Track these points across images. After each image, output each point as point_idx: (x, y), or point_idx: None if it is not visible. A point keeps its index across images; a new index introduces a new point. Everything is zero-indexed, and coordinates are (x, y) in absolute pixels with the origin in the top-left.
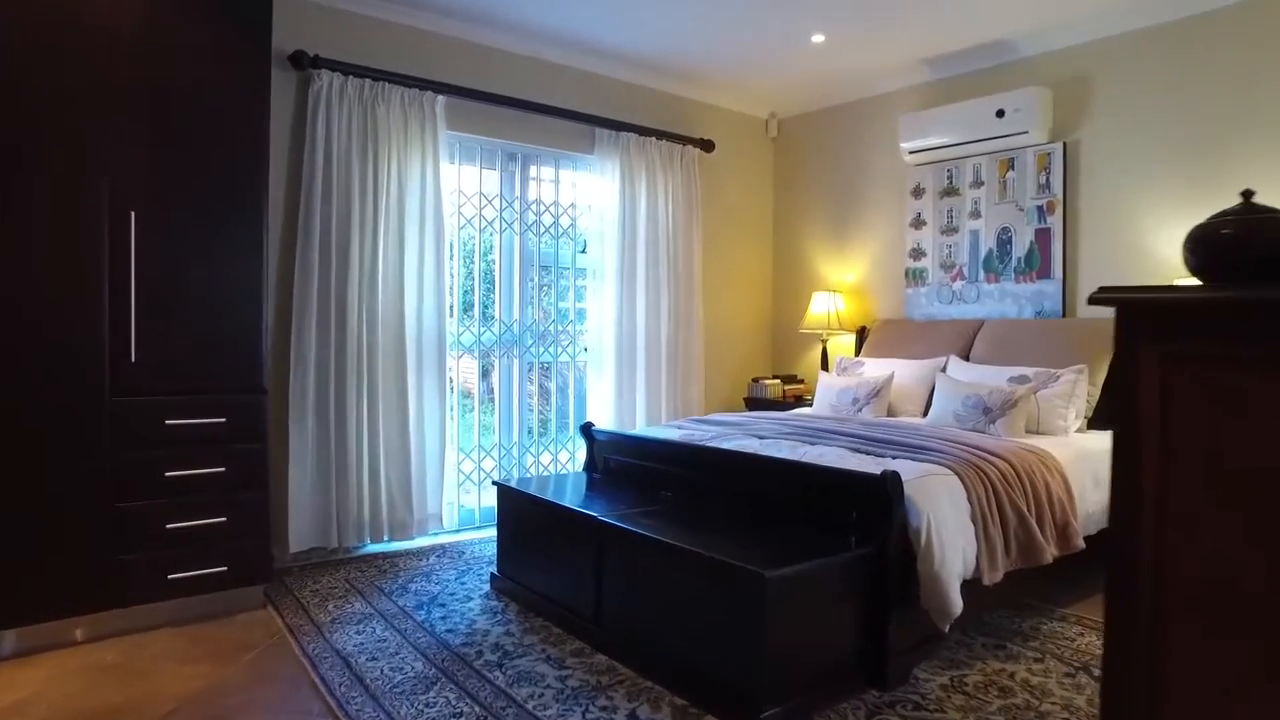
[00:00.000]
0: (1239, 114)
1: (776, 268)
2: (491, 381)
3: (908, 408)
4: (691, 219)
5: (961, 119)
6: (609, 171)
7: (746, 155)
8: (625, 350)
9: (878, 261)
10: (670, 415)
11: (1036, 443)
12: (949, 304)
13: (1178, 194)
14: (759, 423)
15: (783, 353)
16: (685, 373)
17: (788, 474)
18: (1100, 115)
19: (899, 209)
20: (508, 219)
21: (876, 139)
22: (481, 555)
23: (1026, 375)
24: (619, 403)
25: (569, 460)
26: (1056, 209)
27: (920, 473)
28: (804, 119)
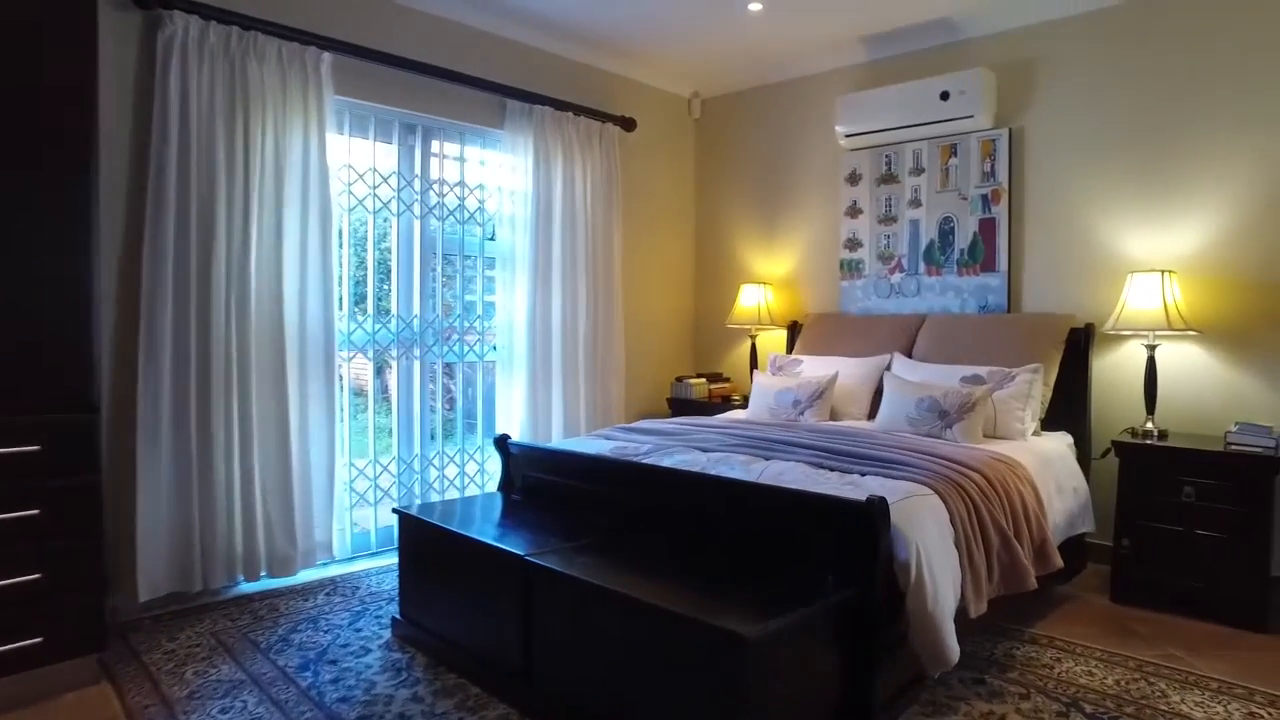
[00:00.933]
0: (1188, 102)
1: (699, 258)
2: (389, 385)
3: (852, 410)
4: (611, 203)
5: (903, 101)
6: (521, 149)
7: (668, 136)
8: (539, 349)
9: (810, 252)
10: (590, 421)
11: (997, 448)
12: (887, 298)
13: (1127, 184)
14: (700, 432)
15: (706, 349)
16: (605, 373)
17: (749, 498)
18: (1046, 101)
19: (833, 196)
20: (406, 200)
21: (808, 122)
22: (380, 590)
23: (980, 375)
24: (533, 407)
25: (478, 473)
26: (1002, 198)
27: (900, 493)
28: (729, 99)
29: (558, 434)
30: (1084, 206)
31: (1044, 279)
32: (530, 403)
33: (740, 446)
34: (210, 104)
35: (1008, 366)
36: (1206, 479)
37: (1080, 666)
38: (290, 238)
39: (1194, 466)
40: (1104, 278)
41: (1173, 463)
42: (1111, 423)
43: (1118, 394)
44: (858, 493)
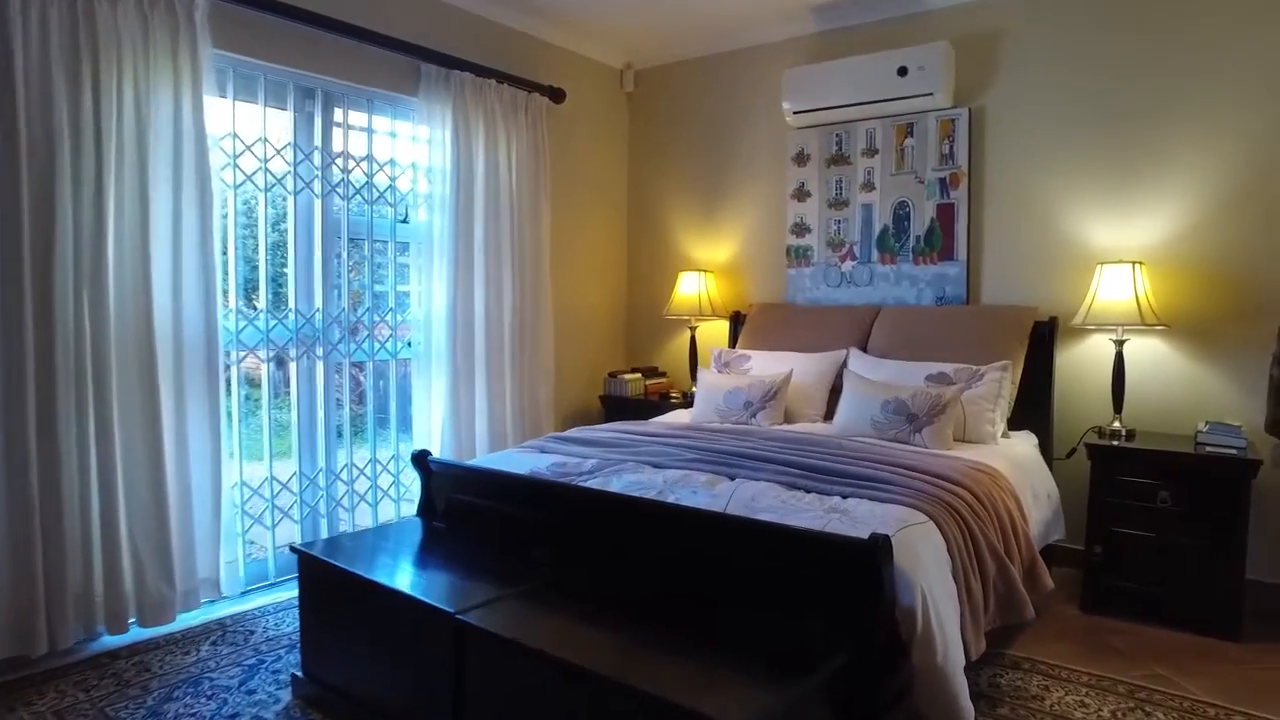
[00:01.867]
0: (1157, 86)
1: (632, 243)
2: (287, 389)
3: (807, 411)
4: (539, 182)
5: (857, 76)
6: (438, 120)
7: (599, 110)
8: (461, 344)
9: (754, 238)
10: (518, 424)
11: (971, 454)
12: (837, 287)
13: (1092, 170)
14: (648, 443)
15: (639, 342)
16: (533, 370)
17: (724, 532)
18: (1010, 79)
19: (778, 178)
20: (304, 176)
21: (752, 97)
22: (280, 634)
23: (946, 373)
24: (455, 410)
25: (393, 484)
26: (961, 182)
27: (894, 522)
28: (665, 71)
29: (483, 441)
30: (1047, 193)
31: (1005, 269)
32: (452, 405)
33: (699, 462)
34: (43, 55)
35: (974, 363)
36: (1181, 483)
37: (1072, 696)
38: (160, 219)
39: (1168, 470)
40: (1068, 268)
41: (1147, 466)
42: (1074, 421)
43: (1081, 390)
44: (848, 524)
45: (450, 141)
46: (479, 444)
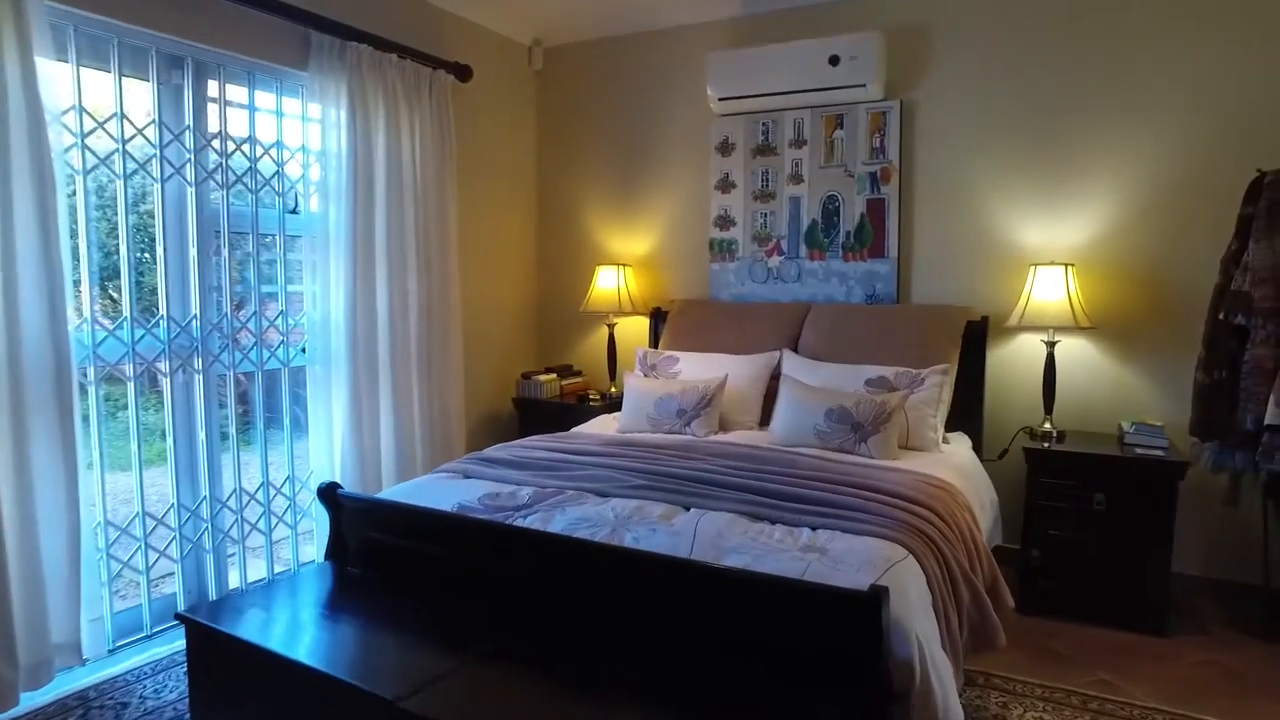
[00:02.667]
0: (1087, 85)
1: (542, 234)
2: (160, 409)
3: (743, 418)
4: (445, 169)
5: (788, 63)
6: (333, 97)
7: (506, 90)
8: (363, 349)
9: (675, 230)
10: (428, 436)
11: (920, 465)
12: (763, 283)
13: (1021, 169)
14: (584, 465)
15: (551, 339)
16: (443, 374)
17: (692, 580)
18: (941, 73)
19: (701, 167)
20: (174, 160)
21: (673, 81)
22: (161, 705)
23: (885, 377)
24: (357, 425)
25: (288, 509)
26: (892, 177)
27: (877, 560)
28: (577, 50)
29: (390, 458)
30: (977, 191)
31: (935, 267)
32: (353, 418)
33: (648, 490)
34: None
35: (912, 366)
36: (1115, 485)
37: (1031, 713)
38: None
39: (1103, 473)
40: (998, 267)
41: (1082, 470)
42: (1003, 421)
43: (1010, 390)
44: (829, 565)
45: (346, 122)
46: (386, 461)
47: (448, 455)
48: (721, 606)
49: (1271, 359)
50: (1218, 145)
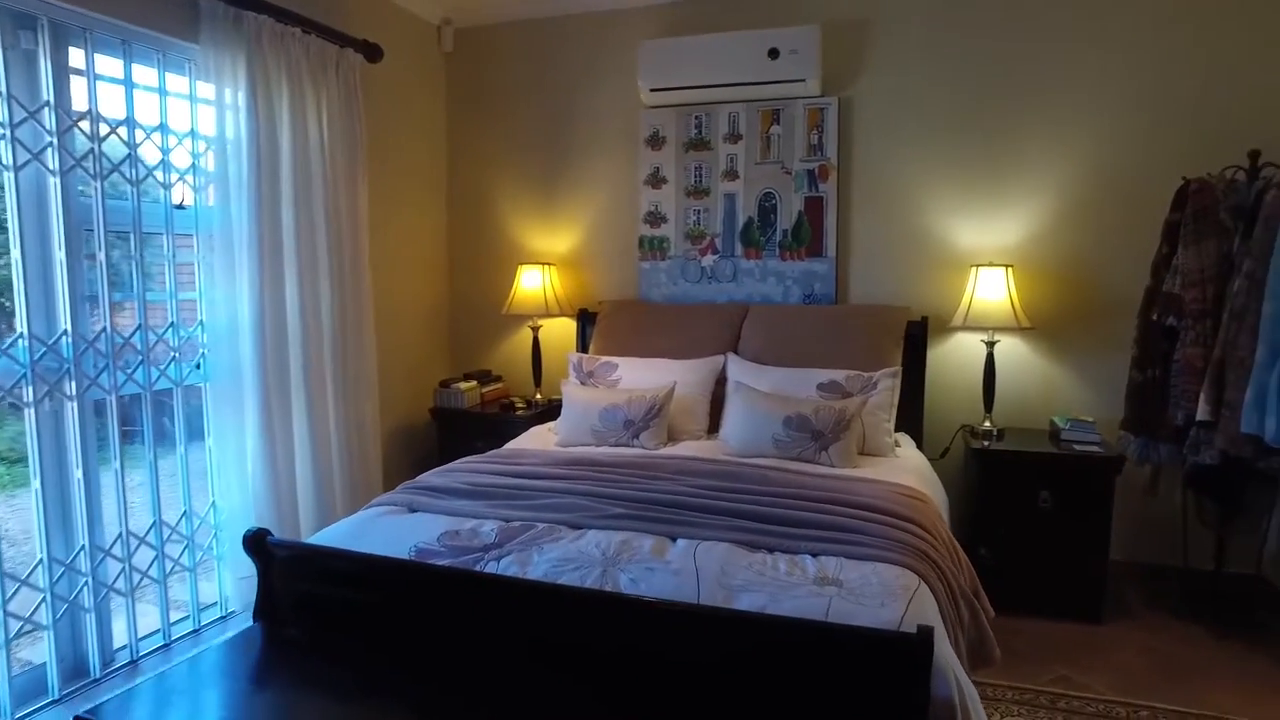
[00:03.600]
0: (1016, 90)
1: (454, 230)
2: (24, 445)
3: (690, 427)
4: (356, 158)
5: (724, 54)
6: (230, 74)
7: (414, 73)
8: (273, 360)
9: (601, 227)
10: (344, 454)
11: (882, 472)
12: (697, 283)
13: (957, 170)
14: (547, 491)
15: (464, 344)
16: (358, 386)
17: (711, 627)
18: (877, 72)
19: (630, 161)
20: (30, 143)
21: (599, 69)
22: None
23: (837, 381)
24: (270, 450)
25: (185, 550)
26: (830, 175)
27: (898, 590)
28: (492, 31)
29: (307, 485)
30: (915, 190)
31: (873, 266)
32: (265, 440)
33: (627, 519)
34: None
35: (860, 368)
36: (1058, 481)
37: (1009, 719)
38: None
39: (1047, 470)
40: (935, 267)
41: (1027, 468)
42: (942, 419)
43: (948, 389)
44: (851, 600)
45: (246, 104)
46: (302, 488)
47: (366, 477)
48: (746, 656)
49: (1201, 358)
50: (1144, 152)
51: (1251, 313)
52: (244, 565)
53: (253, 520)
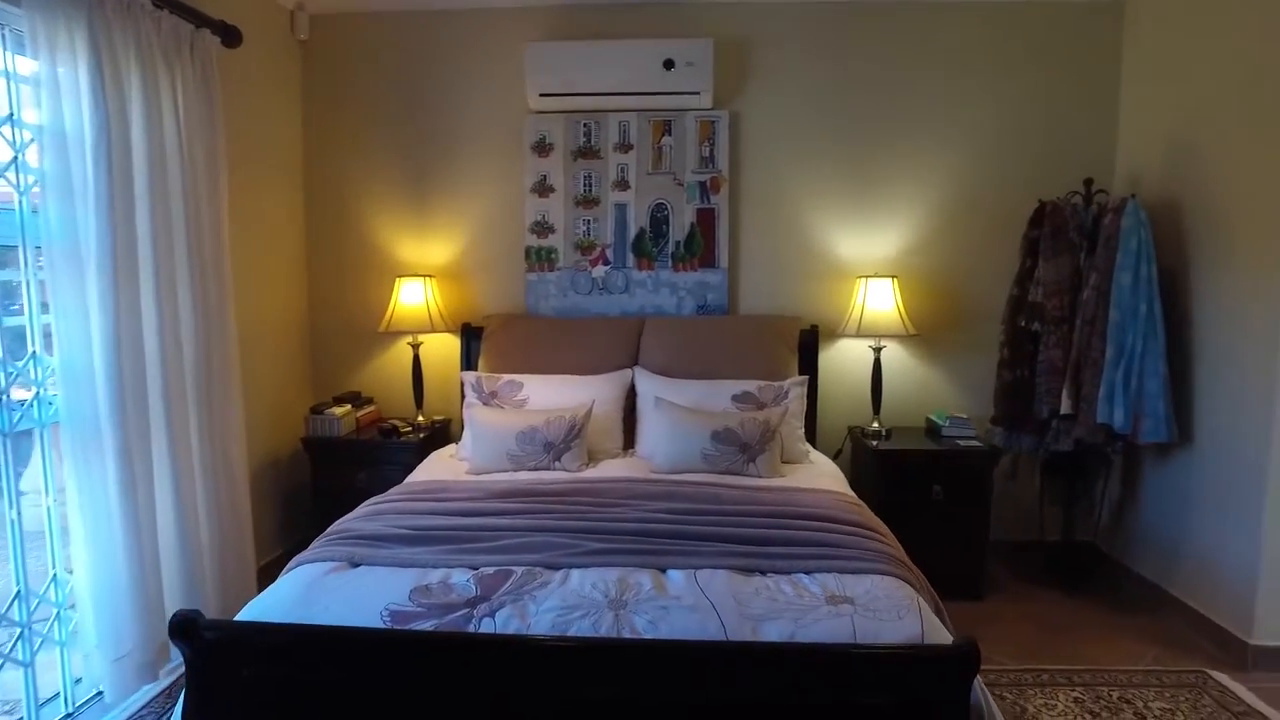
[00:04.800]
0: (887, 112)
1: (313, 241)
2: None
3: (607, 445)
4: (216, 156)
5: (619, 62)
6: (67, 48)
7: (267, 61)
8: (132, 396)
9: (483, 237)
10: (212, 500)
11: (815, 481)
12: (588, 294)
13: (841, 184)
14: (499, 530)
15: (326, 364)
16: (224, 419)
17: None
18: (764, 86)
19: (514, 168)
20: None
21: (479, 69)
22: None
23: (750, 392)
24: (130, 499)
25: (18, 640)
26: (722, 187)
27: (904, 601)
28: (355, 21)
29: (171, 540)
30: (801, 203)
31: (762, 277)
32: (127, 496)
33: (607, 554)
34: None
35: (766, 378)
36: (947, 475)
37: None
38: None
39: (938, 465)
40: (820, 277)
41: (923, 464)
42: (827, 423)
43: (835, 393)
44: (869, 617)
45: (90, 86)
46: (165, 543)
47: (236, 526)
48: (800, 687)
49: (1061, 359)
50: (1000, 175)
51: (1100, 319)
52: (120, 643)
53: (118, 588)
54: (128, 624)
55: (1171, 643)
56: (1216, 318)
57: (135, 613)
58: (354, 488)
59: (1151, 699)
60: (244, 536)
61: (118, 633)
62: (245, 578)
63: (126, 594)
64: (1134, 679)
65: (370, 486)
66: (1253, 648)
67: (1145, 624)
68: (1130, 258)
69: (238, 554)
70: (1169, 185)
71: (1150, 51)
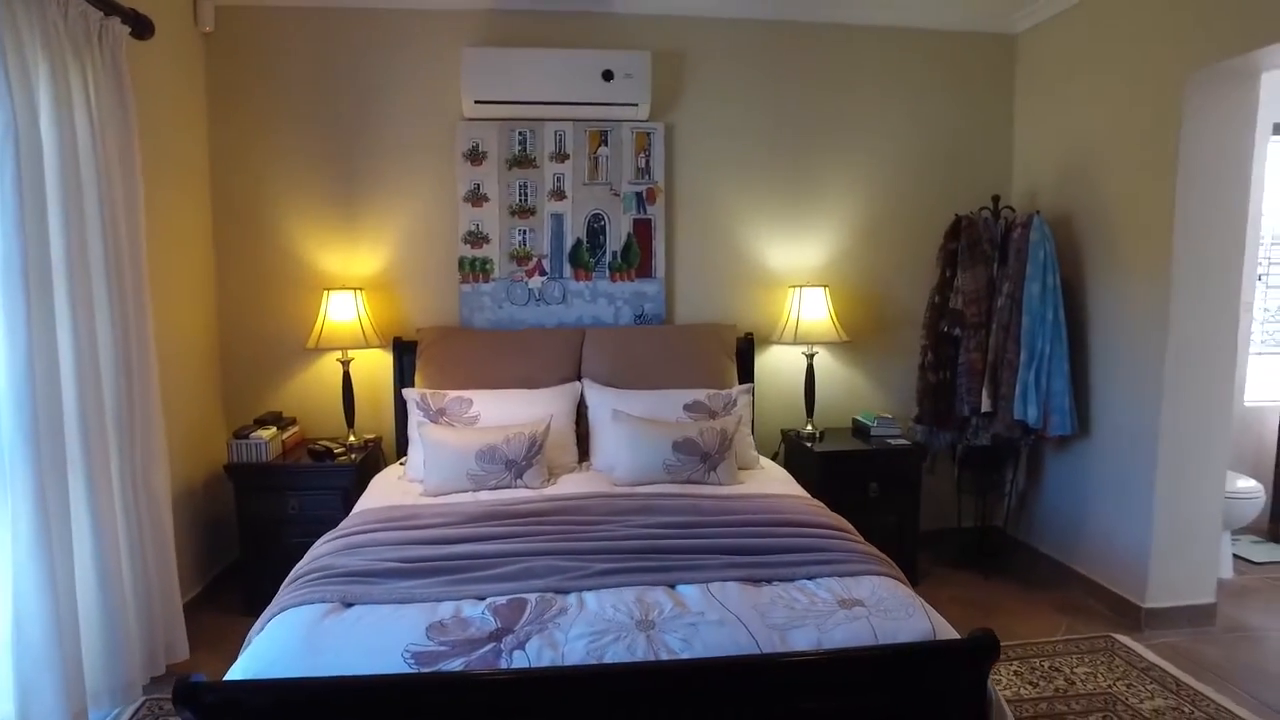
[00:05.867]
0: (812, 130)
1: (222, 251)
2: None
3: (563, 459)
4: (131, 158)
5: (557, 72)
6: None
7: (170, 55)
8: (45, 430)
9: (412, 248)
10: (135, 541)
11: (773, 487)
12: (524, 305)
13: (770, 196)
14: (494, 557)
15: (240, 383)
16: (146, 452)
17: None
18: (698, 100)
19: (446, 176)
20: None
21: (407, 72)
22: None
23: (700, 401)
24: (44, 552)
25: None
26: (658, 198)
27: (904, 599)
28: (268, 14)
29: (91, 594)
30: (733, 214)
31: (697, 286)
32: (39, 542)
33: (615, 574)
34: None
35: (710, 386)
36: (881, 472)
37: None
38: None
39: (874, 464)
40: (752, 286)
41: (859, 463)
42: (760, 427)
43: (765, 398)
44: (881, 616)
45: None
46: (85, 598)
47: (161, 561)
48: (840, 688)
49: (980, 362)
50: (916, 190)
51: (1014, 324)
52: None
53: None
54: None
55: (1078, 611)
56: (1109, 322)
57: (52, 679)
58: (285, 516)
59: (1075, 665)
60: (169, 576)
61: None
62: (172, 622)
63: (40, 653)
64: (1056, 649)
65: (304, 513)
66: (1145, 610)
67: (1055, 597)
68: (1038, 268)
69: (164, 595)
70: (1061, 202)
71: (1039, 82)
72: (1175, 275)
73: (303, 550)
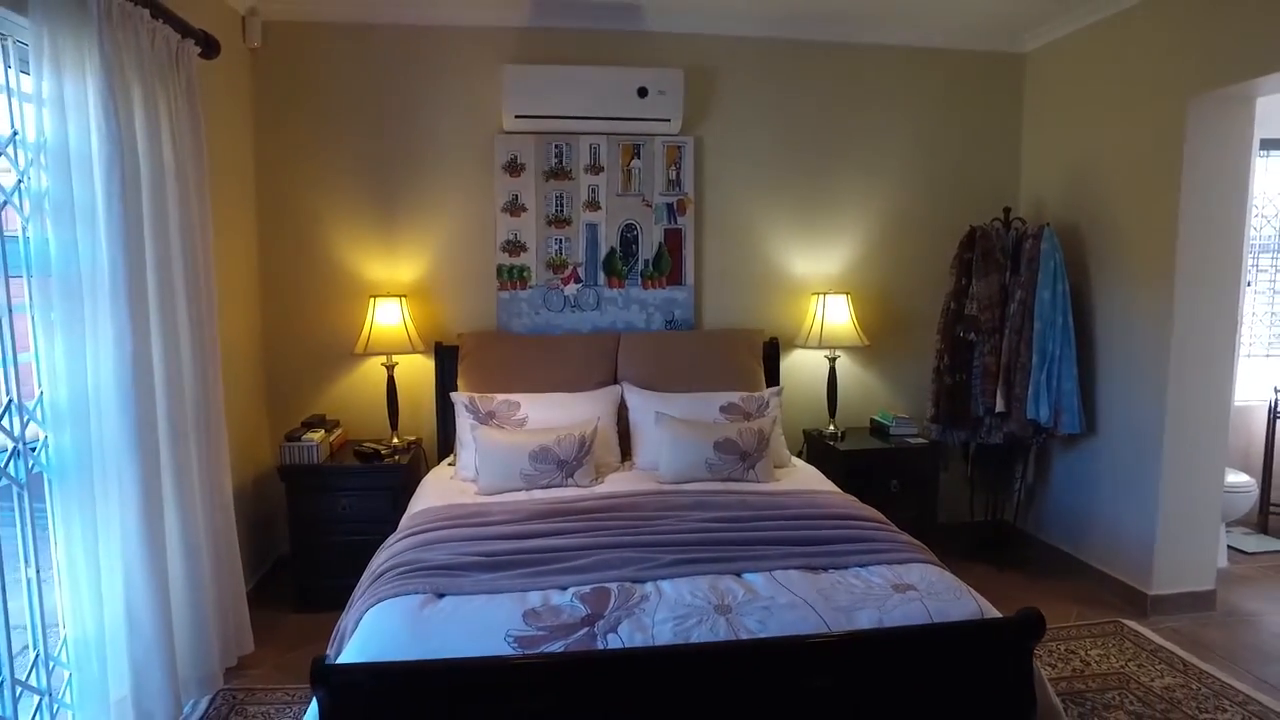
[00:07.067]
0: (832, 144)
1: (266, 259)
2: None
3: (608, 459)
4: (202, 174)
5: (594, 87)
6: (75, 62)
7: (221, 70)
8: (143, 437)
9: (453, 256)
10: (209, 537)
11: (811, 483)
12: (560, 311)
13: (792, 207)
14: (570, 551)
15: (284, 386)
16: (216, 454)
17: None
18: (725, 115)
19: (485, 188)
20: None
21: (448, 87)
22: None
23: (735, 403)
24: (149, 546)
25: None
26: (688, 209)
27: (950, 583)
28: (311, 31)
29: (180, 587)
30: (759, 227)
31: (724, 293)
32: (146, 539)
33: (684, 564)
34: None
35: (743, 389)
36: (902, 470)
37: None
38: None
39: (895, 462)
40: (776, 292)
41: (881, 461)
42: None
43: (789, 400)
44: (934, 599)
45: (101, 103)
46: (177, 592)
47: (230, 556)
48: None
49: (995, 365)
50: (928, 201)
51: (1026, 329)
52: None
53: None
54: (151, 678)
55: (1088, 600)
56: (1114, 326)
57: (160, 666)
58: (335, 515)
59: (1089, 648)
60: (237, 572)
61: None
62: (240, 616)
63: (151, 642)
64: (1069, 633)
65: (353, 511)
66: (1151, 597)
67: (1065, 586)
68: (1049, 277)
69: (233, 589)
70: (1067, 213)
71: (1047, 99)
72: (1178, 283)
73: (351, 547)
